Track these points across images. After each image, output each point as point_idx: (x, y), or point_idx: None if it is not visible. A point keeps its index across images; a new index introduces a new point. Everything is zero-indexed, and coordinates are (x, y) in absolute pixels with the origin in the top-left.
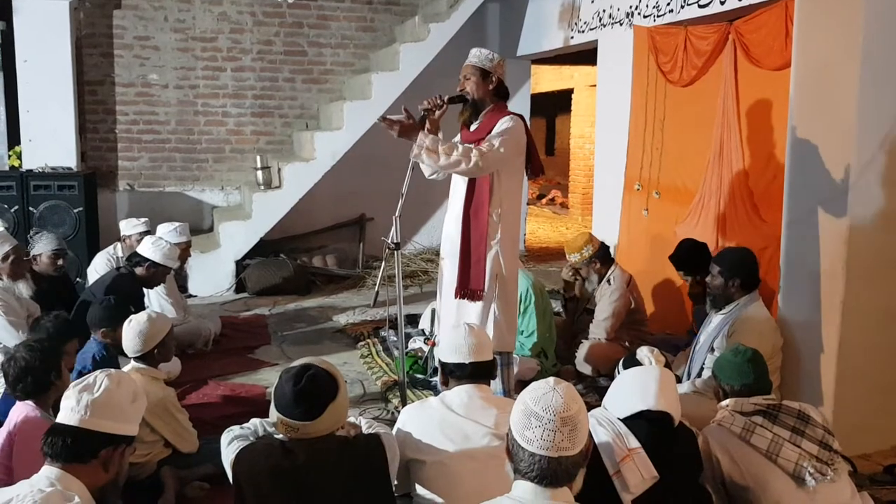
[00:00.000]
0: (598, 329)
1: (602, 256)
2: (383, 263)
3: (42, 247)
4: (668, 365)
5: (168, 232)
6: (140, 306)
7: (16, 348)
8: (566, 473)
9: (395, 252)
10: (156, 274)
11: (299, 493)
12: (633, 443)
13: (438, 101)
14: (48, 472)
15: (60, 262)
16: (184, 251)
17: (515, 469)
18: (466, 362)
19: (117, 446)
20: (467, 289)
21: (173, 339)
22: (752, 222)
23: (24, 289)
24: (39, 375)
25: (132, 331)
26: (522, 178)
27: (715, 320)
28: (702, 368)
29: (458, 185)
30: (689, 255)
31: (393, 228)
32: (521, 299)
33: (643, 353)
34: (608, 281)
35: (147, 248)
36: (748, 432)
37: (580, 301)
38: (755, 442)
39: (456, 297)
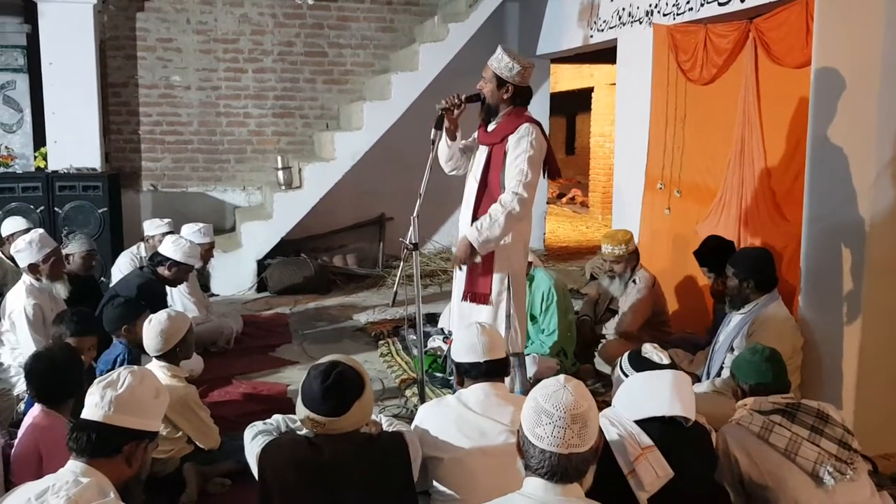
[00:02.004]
0: (620, 324)
1: (637, 255)
2: (402, 263)
3: (75, 247)
4: (672, 362)
5: (192, 233)
6: (163, 305)
7: (47, 350)
8: (576, 470)
9: (414, 252)
10: (178, 272)
11: (324, 488)
12: (646, 441)
13: (456, 101)
14: (73, 467)
15: (93, 262)
16: (207, 251)
17: (526, 465)
18: (481, 361)
19: (140, 441)
20: (474, 292)
21: (194, 337)
22: (774, 221)
23: (61, 289)
24: (71, 383)
25: (153, 330)
26: (537, 178)
27: (734, 320)
28: (721, 368)
29: (471, 186)
30: (714, 253)
31: (411, 228)
32: (543, 298)
33: (648, 349)
34: (633, 281)
35: (168, 248)
36: (767, 431)
37: (600, 302)
38: (774, 441)
39: (463, 300)
